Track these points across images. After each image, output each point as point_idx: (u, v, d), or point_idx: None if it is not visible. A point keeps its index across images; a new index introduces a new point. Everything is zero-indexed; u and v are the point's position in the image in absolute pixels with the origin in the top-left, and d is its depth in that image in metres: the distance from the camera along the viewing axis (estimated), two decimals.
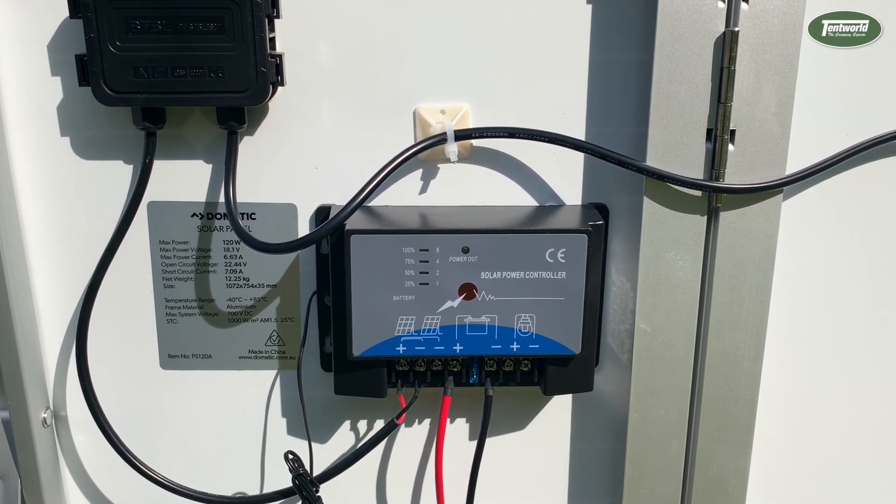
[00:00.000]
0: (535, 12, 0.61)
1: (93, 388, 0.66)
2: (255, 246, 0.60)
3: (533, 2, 0.60)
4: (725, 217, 0.62)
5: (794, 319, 0.68)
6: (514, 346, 0.62)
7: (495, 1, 0.60)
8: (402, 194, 0.65)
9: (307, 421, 0.67)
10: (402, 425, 0.70)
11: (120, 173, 0.64)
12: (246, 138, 0.63)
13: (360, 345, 0.62)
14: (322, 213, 0.64)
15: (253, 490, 0.72)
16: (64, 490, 0.72)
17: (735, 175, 0.61)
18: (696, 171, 0.61)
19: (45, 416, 0.68)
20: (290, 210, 0.65)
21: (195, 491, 0.69)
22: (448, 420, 0.69)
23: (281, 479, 0.71)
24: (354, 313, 0.61)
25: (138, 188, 0.62)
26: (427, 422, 0.70)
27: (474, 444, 0.67)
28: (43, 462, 0.68)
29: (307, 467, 0.67)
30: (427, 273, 0.60)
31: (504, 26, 0.61)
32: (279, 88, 0.61)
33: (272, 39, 0.59)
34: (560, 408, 0.70)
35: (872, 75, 0.62)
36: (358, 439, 0.71)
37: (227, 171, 0.61)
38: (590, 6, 0.60)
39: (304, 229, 0.65)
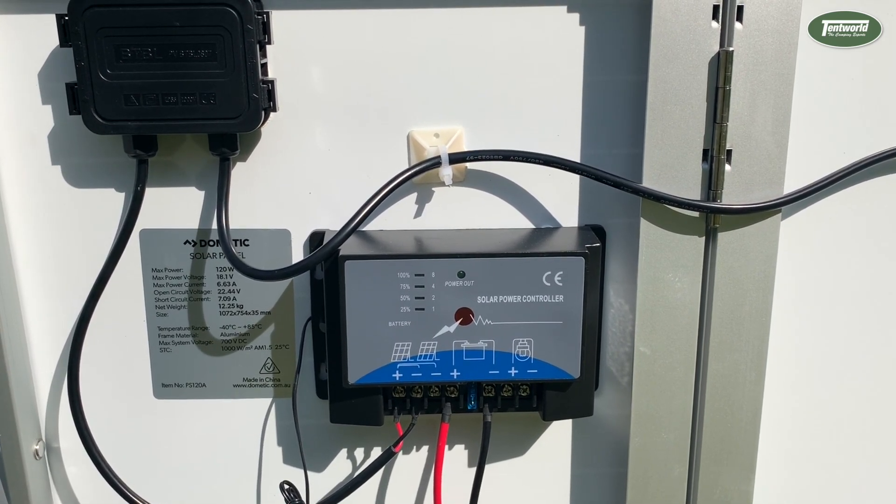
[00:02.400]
0: (528, 34, 0.60)
1: (85, 418, 0.65)
2: (249, 273, 0.59)
3: (526, 23, 0.60)
4: (724, 237, 0.62)
5: (795, 339, 0.67)
6: (513, 372, 0.61)
7: (488, 23, 0.60)
8: (397, 219, 0.64)
9: (303, 450, 0.66)
10: (400, 453, 0.69)
11: (111, 201, 0.63)
12: (238, 164, 0.63)
13: (356, 372, 0.61)
14: (316, 238, 0.64)
15: None
16: None
17: (732, 195, 0.60)
18: (693, 192, 0.61)
19: (37, 447, 0.67)
20: (283, 236, 0.64)
21: None
22: (446, 447, 0.68)
23: None
24: (349, 340, 0.60)
25: (130, 216, 0.62)
26: (425, 449, 0.69)
27: (473, 471, 0.66)
28: (35, 495, 0.67)
29: (303, 497, 0.66)
30: (423, 298, 0.60)
31: (497, 48, 0.61)
32: (271, 114, 0.61)
33: (264, 65, 0.59)
34: (560, 433, 0.69)
35: (872, 76, 0.61)
36: (354, 468, 0.70)
37: (219, 197, 0.61)
38: (583, 27, 0.60)
39: (298, 255, 0.65)
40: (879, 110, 0.62)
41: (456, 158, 0.61)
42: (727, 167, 0.60)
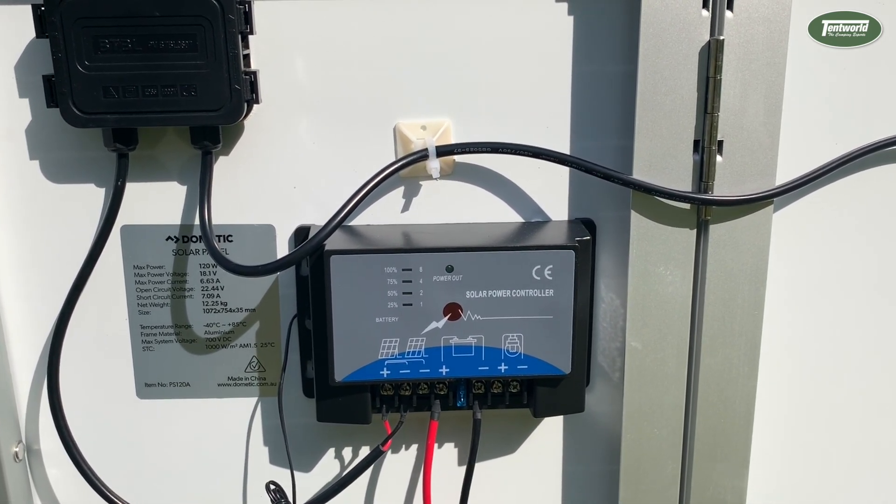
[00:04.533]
0: (516, 24, 0.60)
1: (66, 420, 0.64)
2: (232, 269, 0.58)
3: (514, 13, 0.59)
4: (715, 230, 0.61)
5: (788, 333, 0.67)
6: (502, 367, 0.60)
7: (476, 13, 0.59)
8: (384, 213, 0.63)
9: (289, 449, 0.65)
10: (388, 452, 0.68)
11: (91, 197, 0.62)
12: (221, 158, 0.62)
13: (343, 369, 0.60)
14: (301, 233, 0.63)
15: None
16: None
17: (724, 187, 0.60)
18: (684, 184, 0.60)
19: (17, 450, 0.66)
20: (268, 231, 0.63)
21: None
22: (436, 445, 0.67)
23: None
24: (336, 337, 0.59)
25: (110, 212, 0.61)
26: (414, 448, 0.68)
27: (463, 469, 0.65)
28: (15, 498, 0.66)
29: (290, 498, 0.65)
30: (410, 293, 0.59)
31: (485, 39, 0.60)
32: (254, 106, 0.60)
33: (246, 56, 0.58)
34: (551, 430, 0.68)
35: (872, 76, 0.61)
36: (342, 468, 0.69)
37: (202, 192, 0.60)
38: (571, 17, 0.60)
39: (283, 251, 0.64)
40: (877, 110, 0.62)
41: (443, 151, 0.60)
42: (718, 158, 0.59)
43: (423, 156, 0.60)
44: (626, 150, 0.61)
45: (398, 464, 0.69)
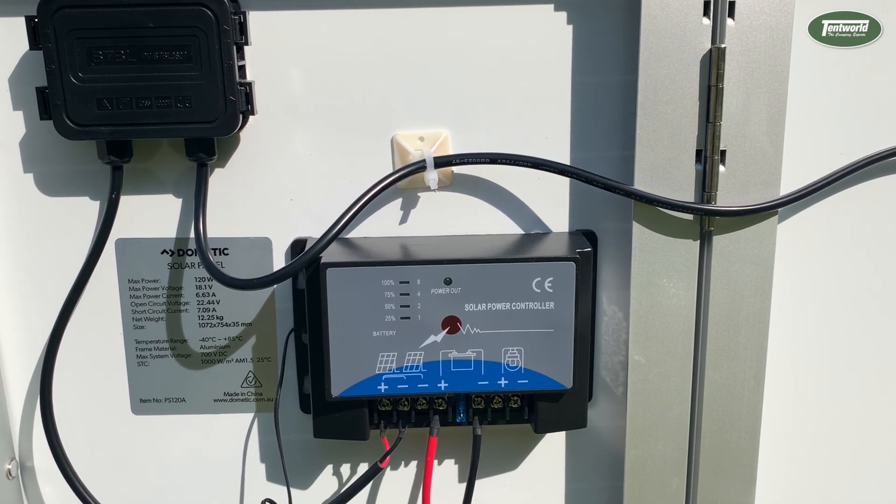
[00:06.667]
0: (514, 34, 0.59)
1: (58, 436, 0.63)
2: (227, 282, 0.58)
3: (512, 23, 0.59)
4: (719, 241, 0.60)
5: (794, 345, 0.66)
6: (502, 382, 0.59)
7: (474, 23, 0.59)
8: (381, 225, 0.63)
9: (286, 466, 0.64)
10: (387, 469, 0.67)
11: (85, 210, 0.62)
12: (216, 170, 0.61)
13: (340, 384, 0.59)
14: (298, 246, 0.62)
15: None
16: None
17: (727, 197, 0.59)
18: (687, 194, 0.59)
19: (10, 467, 0.65)
20: (264, 244, 0.62)
21: None
22: (435, 462, 0.66)
23: None
24: (332, 351, 0.58)
25: (105, 225, 0.60)
26: (413, 464, 0.67)
27: (463, 486, 0.64)
28: None
29: None
30: (408, 307, 0.58)
31: (483, 49, 0.59)
32: (250, 118, 0.59)
33: (241, 67, 0.58)
34: (553, 446, 0.67)
35: (872, 76, 0.60)
36: (340, 485, 0.68)
37: (197, 204, 0.59)
38: (570, 26, 0.59)
39: (279, 264, 0.63)
40: (878, 111, 0.61)
41: (441, 162, 0.60)
42: (721, 168, 0.59)
43: (421, 167, 0.59)
44: (627, 161, 0.60)
45: (397, 481, 0.68)
